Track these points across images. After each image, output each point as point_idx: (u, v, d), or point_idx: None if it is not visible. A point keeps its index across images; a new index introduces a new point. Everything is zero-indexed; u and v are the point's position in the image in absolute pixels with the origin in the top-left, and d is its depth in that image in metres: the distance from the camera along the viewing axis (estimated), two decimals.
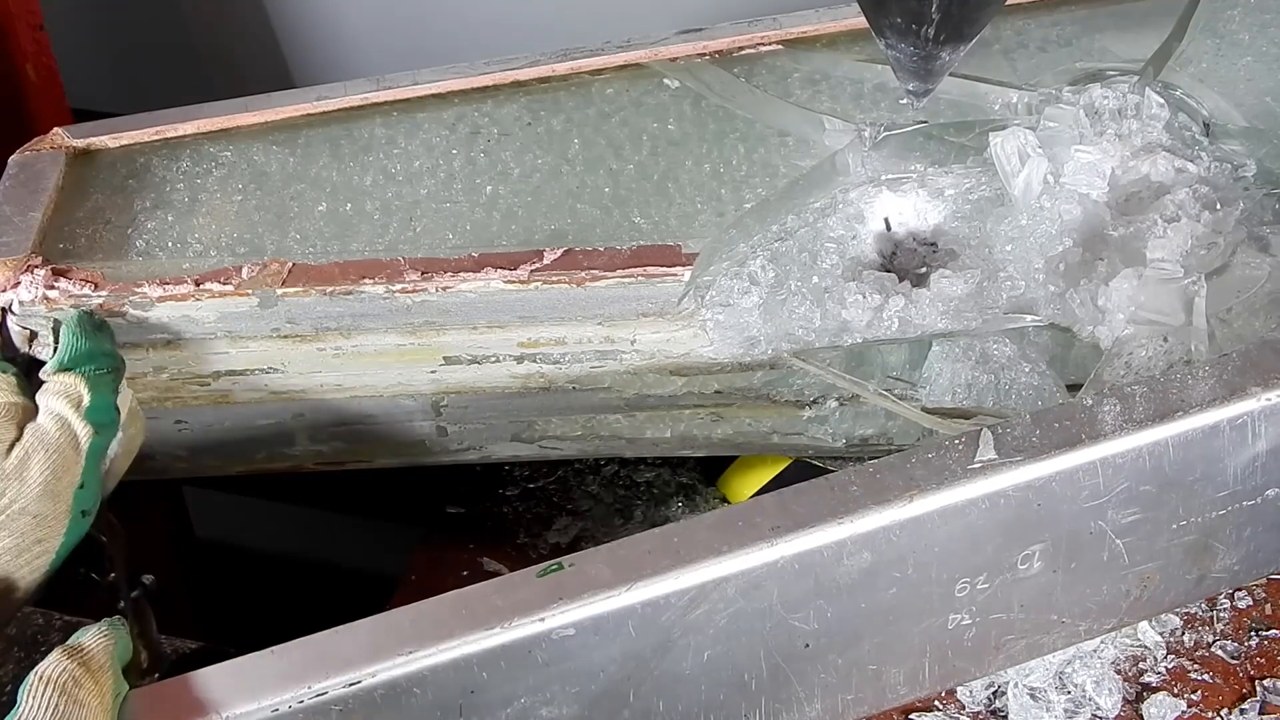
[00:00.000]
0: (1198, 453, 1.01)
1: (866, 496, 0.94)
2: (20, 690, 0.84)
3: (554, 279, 1.17)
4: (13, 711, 0.82)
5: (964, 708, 1.11)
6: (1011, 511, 0.97)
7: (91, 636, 0.89)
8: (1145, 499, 1.01)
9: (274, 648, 0.88)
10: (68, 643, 0.88)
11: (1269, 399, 1.01)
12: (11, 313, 1.15)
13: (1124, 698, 1.11)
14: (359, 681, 0.85)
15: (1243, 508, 1.05)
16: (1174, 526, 1.04)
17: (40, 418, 0.97)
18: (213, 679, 0.86)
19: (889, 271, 1.24)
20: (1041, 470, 0.97)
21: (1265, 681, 1.11)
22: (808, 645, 0.97)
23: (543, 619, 0.87)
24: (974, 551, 0.98)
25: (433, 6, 1.39)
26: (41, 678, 0.84)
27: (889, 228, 1.26)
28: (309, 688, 0.84)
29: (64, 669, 0.85)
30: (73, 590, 1.28)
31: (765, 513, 0.94)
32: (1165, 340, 1.13)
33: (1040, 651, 1.08)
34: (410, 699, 0.86)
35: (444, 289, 1.16)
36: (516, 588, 0.90)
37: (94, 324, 1.05)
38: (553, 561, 0.91)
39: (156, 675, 0.98)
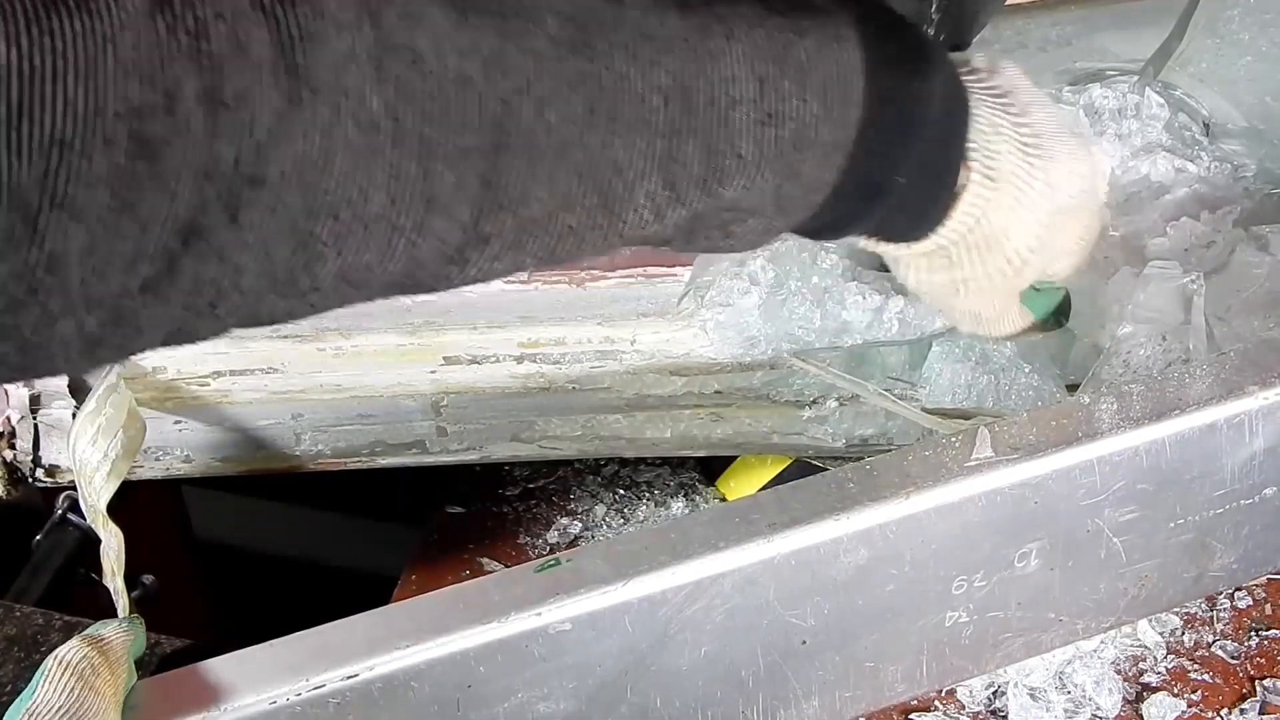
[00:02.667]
0: (1195, 451, 1.01)
1: (863, 493, 0.94)
2: (37, 673, 0.83)
3: (554, 279, 1.18)
4: (27, 691, 0.82)
5: (964, 707, 1.11)
6: (1008, 509, 0.97)
7: (112, 629, 0.89)
8: (1142, 497, 1.01)
9: (273, 641, 0.88)
10: (88, 631, 0.88)
11: (1266, 398, 1.01)
12: None
13: (1124, 698, 1.10)
14: (356, 675, 0.85)
15: (1240, 506, 1.05)
16: (1171, 525, 1.04)
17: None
18: (212, 671, 0.86)
19: (889, 271, 1.24)
20: (1038, 468, 0.97)
21: (1265, 681, 1.11)
22: (805, 642, 0.97)
23: (539, 613, 0.87)
24: (971, 549, 0.98)
25: None
26: (61, 661, 0.83)
27: None
28: (307, 681, 0.84)
29: (84, 656, 0.84)
30: (73, 590, 1.29)
31: (762, 509, 0.94)
32: (1164, 339, 1.13)
33: (1038, 650, 1.08)
34: (407, 692, 0.86)
35: None
36: (514, 582, 0.90)
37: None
38: (550, 557, 0.92)
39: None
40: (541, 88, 0.68)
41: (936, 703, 1.11)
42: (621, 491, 1.35)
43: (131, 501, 1.13)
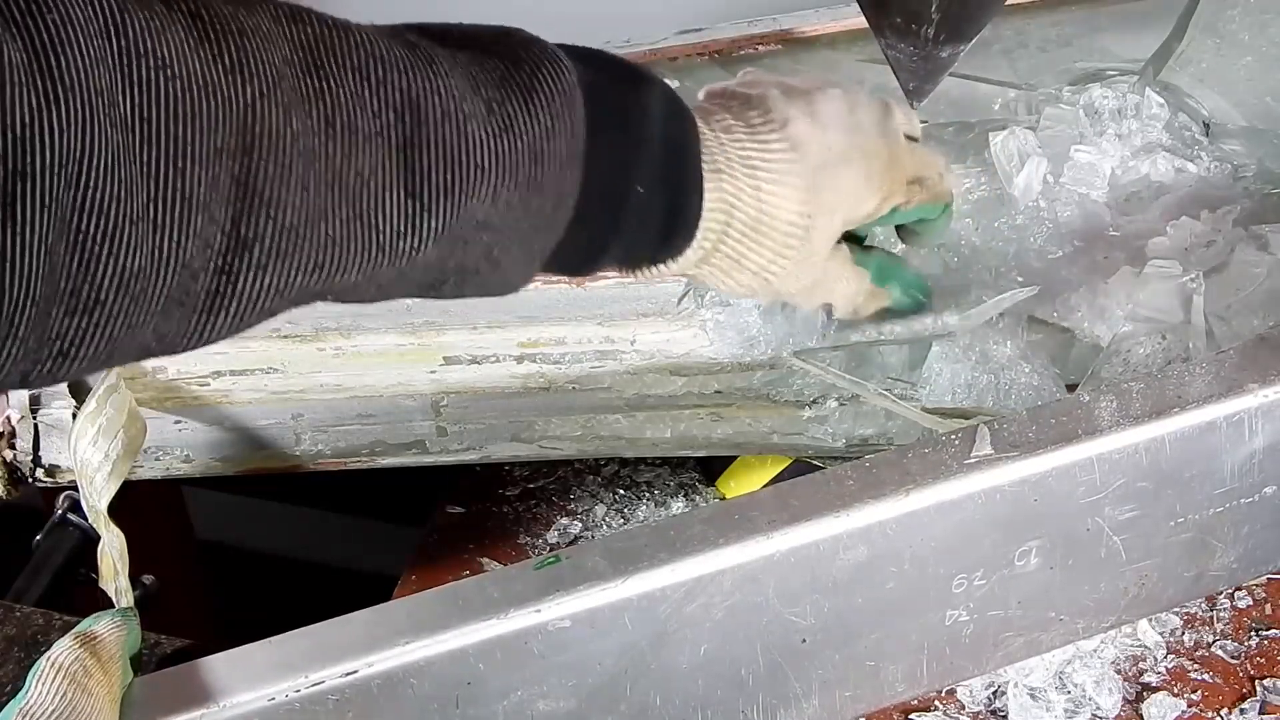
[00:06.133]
0: (1195, 449, 1.01)
1: (862, 490, 0.94)
2: (29, 674, 0.83)
3: (554, 279, 1.17)
4: (20, 695, 0.82)
5: (964, 707, 1.10)
6: (1008, 507, 0.97)
7: (105, 625, 0.88)
8: (1142, 495, 1.01)
9: (272, 638, 0.88)
10: (80, 628, 0.88)
11: (1266, 395, 1.01)
12: None
13: (1124, 698, 1.10)
14: (355, 672, 0.85)
15: (1240, 505, 1.05)
16: (1171, 524, 1.04)
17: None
18: (211, 668, 0.86)
19: None
20: (1038, 466, 0.97)
21: (1265, 681, 1.11)
22: (805, 640, 0.97)
23: (539, 610, 0.88)
24: (971, 547, 0.98)
25: (433, 7, 1.40)
26: (53, 663, 0.83)
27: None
28: (306, 677, 0.84)
29: (76, 657, 0.84)
30: (73, 590, 1.29)
31: (761, 506, 0.94)
32: (1164, 338, 1.13)
33: (1039, 649, 1.08)
34: (407, 689, 0.86)
35: None
36: (513, 580, 0.90)
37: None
38: (550, 554, 0.92)
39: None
40: (283, 96, 0.72)
41: (936, 703, 1.11)
42: (621, 491, 1.35)
43: (131, 501, 1.13)
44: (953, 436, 0.98)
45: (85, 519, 1.16)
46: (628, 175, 0.90)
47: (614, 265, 0.96)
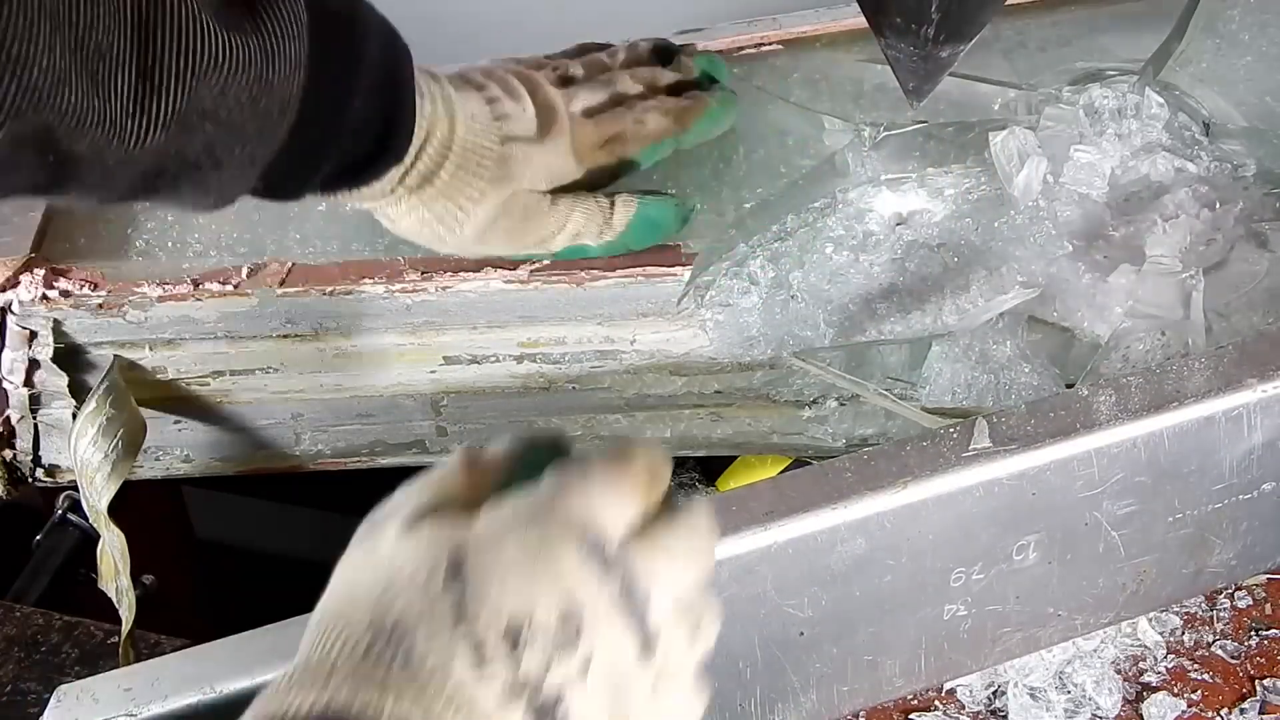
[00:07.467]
0: (1193, 444, 1.01)
1: (860, 482, 0.94)
2: None
3: (554, 279, 1.18)
4: None
5: (964, 707, 1.10)
6: (1006, 501, 0.97)
7: None
8: (1140, 490, 1.01)
9: (270, 625, 0.88)
10: None
11: (1265, 391, 1.00)
12: (11, 313, 1.15)
13: (1124, 697, 1.10)
14: None
15: (1239, 501, 1.05)
16: (1169, 519, 1.04)
17: None
18: (207, 655, 0.87)
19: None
20: (1036, 459, 0.96)
21: (1265, 681, 1.11)
22: (802, 633, 0.96)
23: None
24: (968, 541, 0.98)
25: (433, 6, 1.40)
26: None
27: None
28: None
29: None
30: (73, 590, 1.29)
31: (759, 497, 0.94)
32: (1163, 334, 1.13)
33: (1037, 645, 1.08)
34: None
35: (444, 289, 1.17)
36: None
37: None
38: None
39: None
40: None
41: (937, 702, 1.10)
42: None
43: (131, 501, 1.13)
44: (951, 429, 0.98)
45: (85, 519, 1.16)
46: (346, 86, 0.95)
47: (321, 187, 1.02)
